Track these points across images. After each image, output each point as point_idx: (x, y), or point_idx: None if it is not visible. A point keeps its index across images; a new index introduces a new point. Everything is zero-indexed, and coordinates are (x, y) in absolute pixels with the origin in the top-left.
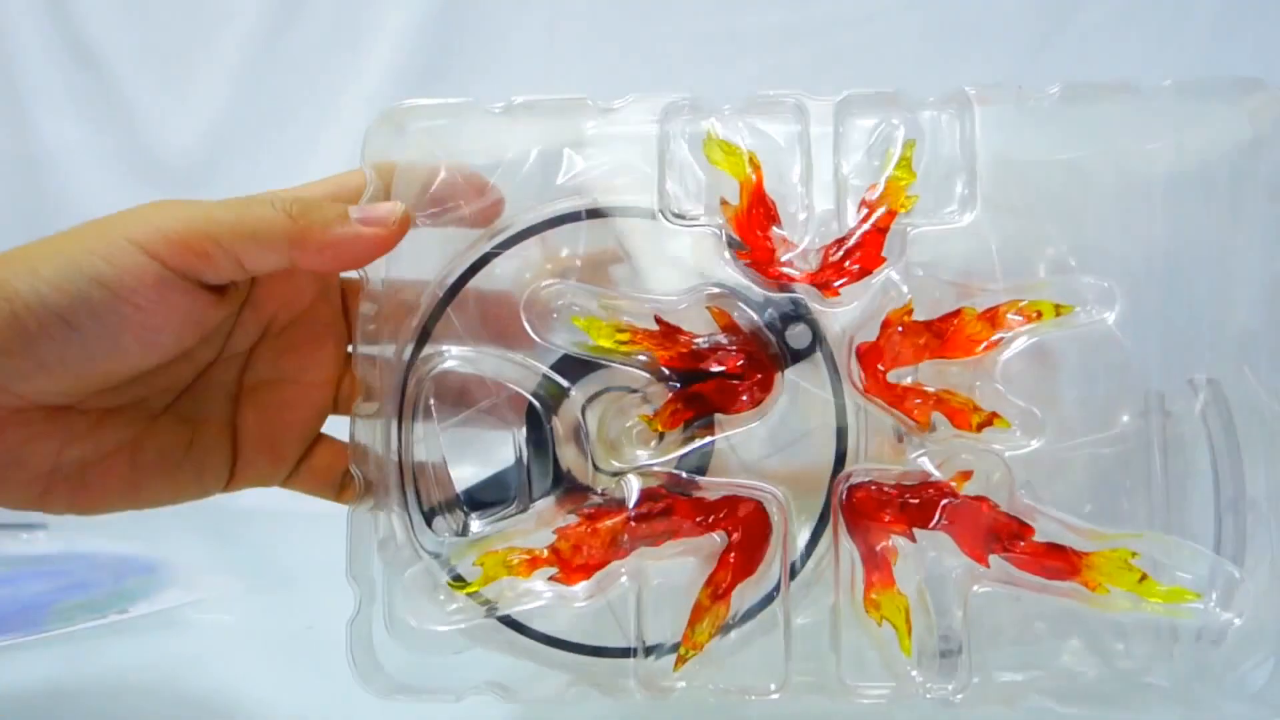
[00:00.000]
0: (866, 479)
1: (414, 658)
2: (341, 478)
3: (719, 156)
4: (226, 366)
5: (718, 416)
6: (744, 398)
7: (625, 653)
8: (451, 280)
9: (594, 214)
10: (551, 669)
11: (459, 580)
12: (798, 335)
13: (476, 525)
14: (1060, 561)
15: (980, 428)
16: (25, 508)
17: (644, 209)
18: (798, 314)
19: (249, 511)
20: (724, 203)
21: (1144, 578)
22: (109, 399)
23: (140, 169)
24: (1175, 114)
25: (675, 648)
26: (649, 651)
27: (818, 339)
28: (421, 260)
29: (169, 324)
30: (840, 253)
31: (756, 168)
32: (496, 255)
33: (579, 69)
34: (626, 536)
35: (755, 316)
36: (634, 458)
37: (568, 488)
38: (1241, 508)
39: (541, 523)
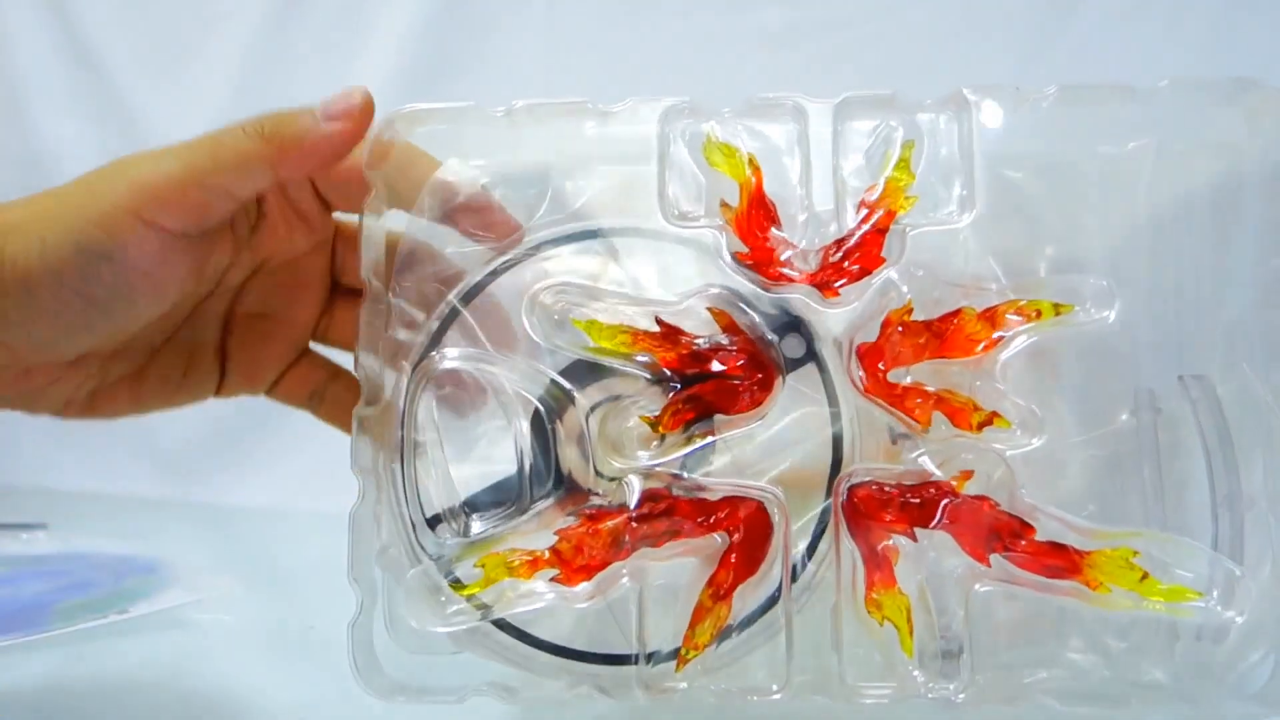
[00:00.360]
0: (867, 479)
1: (415, 659)
2: (311, 395)
3: (719, 159)
4: (220, 298)
5: (718, 417)
6: (744, 398)
7: (626, 660)
8: (460, 290)
9: (604, 234)
10: (552, 678)
11: (459, 582)
12: (793, 345)
13: (478, 527)
14: (1061, 560)
15: (980, 427)
16: (40, 416)
17: (652, 229)
18: (794, 318)
19: (249, 511)
20: (724, 205)
21: (1145, 576)
22: (120, 341)
23: None
24: (1172, 114)
25: (676, 649)
26: (650, 653)
27: (812, 348)
28: (428, 264)
29: (175, 277)
30: (840, 253)
31: (756, 170)
32: (507, 269)
33: (579, 70)
34: (628, 537)
35: (755, 318)
36: (635, 459)
37: (569, 489)
38: (1237, 505)
39: (542, 524)
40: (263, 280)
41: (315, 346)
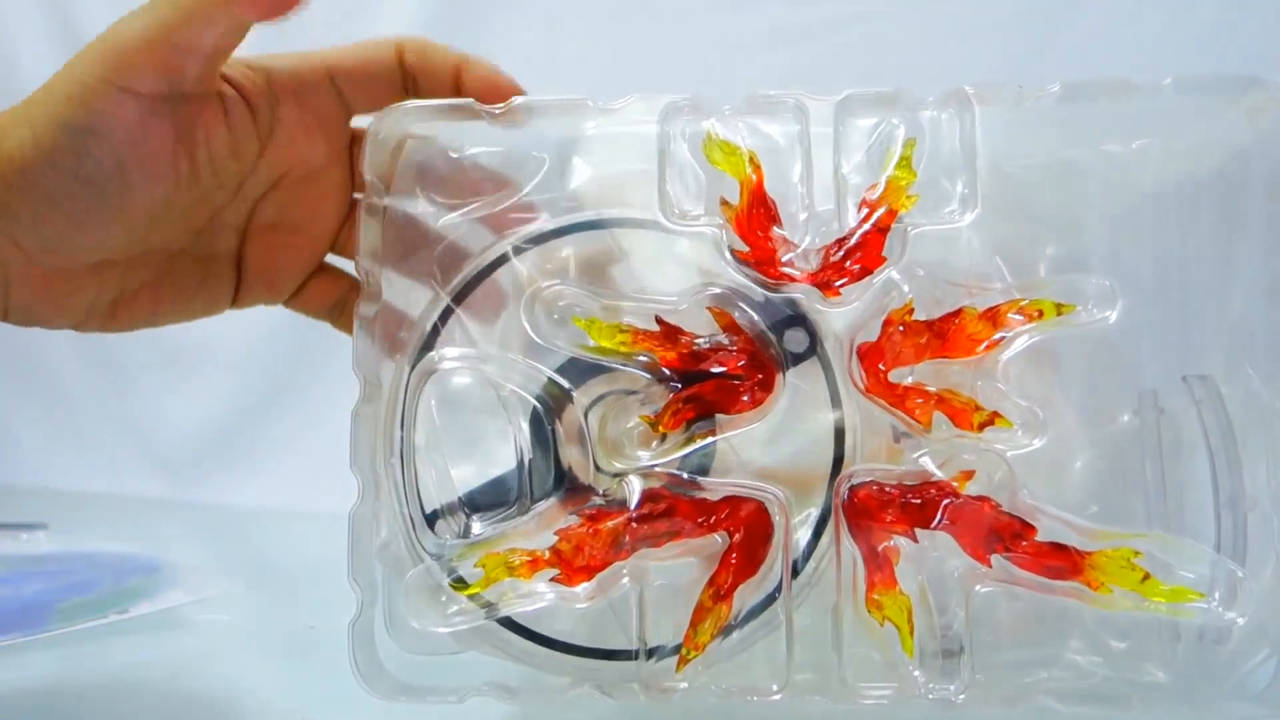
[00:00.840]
0: (868, 479)
1: (416, 659)
2: (332, 306)
3: (719, 157)
4: (237, 209)
5: (719, 417)
6: (745, 398)
7: (627, 655)
8: (458, 283)
9: (604, 224)
10: (553, 673)
11: (460, 582)
12: (795, 339)
13: (478, 527)
14: (1062, 561)
15: (982, 427)
16: (60, 329)
17: (650, 220)
18: (795, 318)
19: (249, 511)
20: (724, 203)
21: (1147, 577)
22: (136, 245)
23: None
24: (1174, 112)
25: (677, 649)
26: (650, 653)
27: (815, 342)
28: (426, 261)
29: (163, 148)
30: (841, 252)
31: (757, 168)
32: (505, 262)
33: (579, 69)
34: (628, 537)
35: (756, 317)
36: (635, 458)
37: (569, 489)
38: (1240, 506)
39: (543, 524)
40: (282, 192)
41: (333, 259)
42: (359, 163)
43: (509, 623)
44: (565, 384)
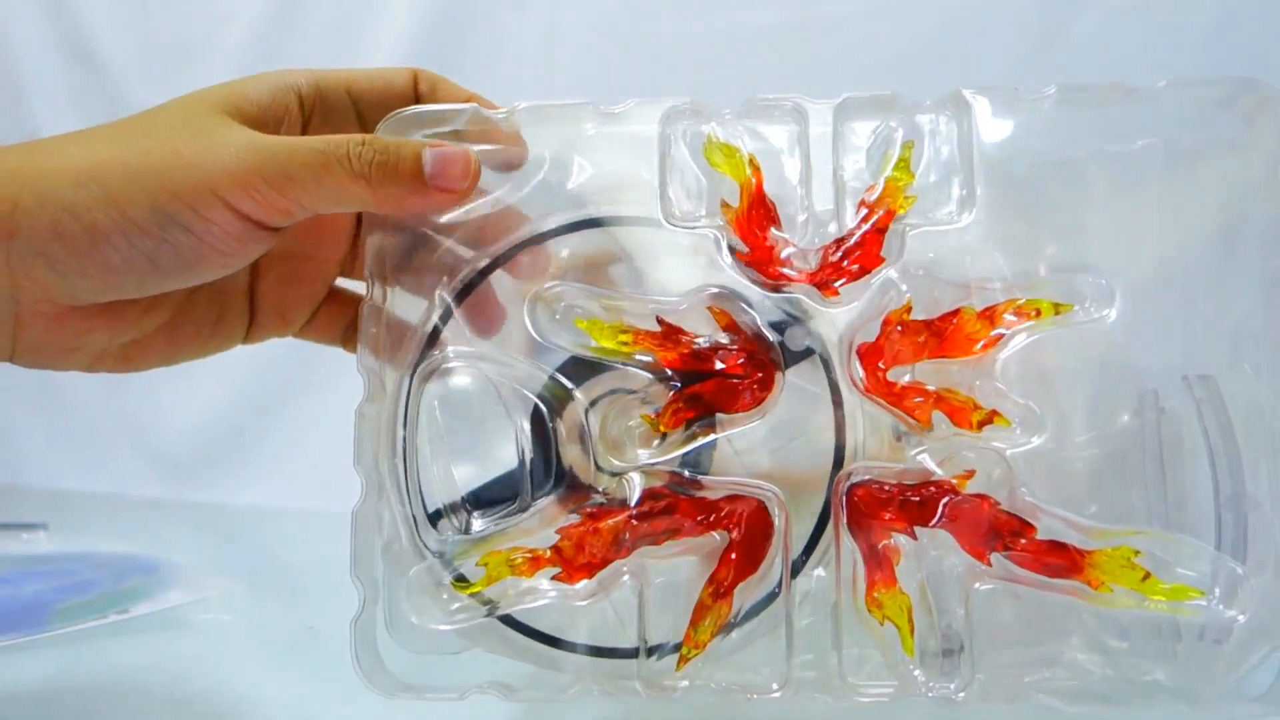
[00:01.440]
0: (867, 477)
1: (417, 657)
2: (344, 331)
3: (719, 159)
4: None
5: (719, 416)
6: (745, 397)
7: (627, 653)
8: (460, 283)
9: (603, 223)
10: (554, 671)
11: (462, 580)
12: (795, 338)
13: (480, 525)
14: (1062, 559)
15: (981, 426)
16: (70, 370)
17: (651, 219)
18: (795, 317)
19: (249, 511)
20: (724, 205)
21: (1147, 576)
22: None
23: None
24: (1172, 114)
25: (677, 647)
26: (651, 651)
27: (814, 341)
28: (427, 261)
29: (243, 257)
30: (840, 253)
31: (756, 170)
32: (506, 261)
33: (579, 70)
34: (628, 535)
35: (756, 317)
36: (636, 457)
37: (570, 487)
38: (1241, 505)
39: (544, 522)
40: (292, 225)
41: (342, 282)
42: None
43: (510, 620)
44: (567, 383)
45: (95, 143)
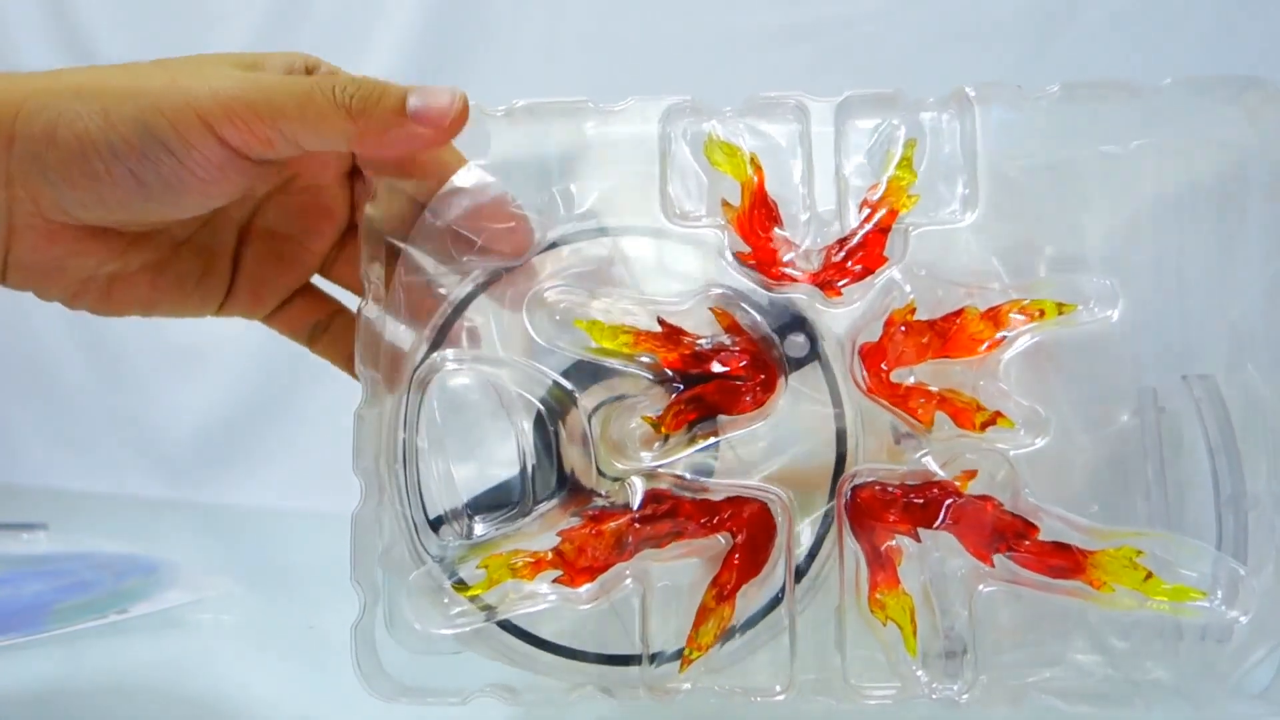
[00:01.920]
0: (870, 479)
1: (417, 660)
2: (312, 329)
3: (720, 158)
4: (242, 206)
5: (721, 418)
6: (747, 399)
7: (629, 660)
8: (463, 293)
9: (609, 232)
10: (555, 676)
11: (462, 584)
12: (797, 340)
13: (481, 528)
14: (1065, 560)
15: (984, 427)
16: (53, 300)
17: (652, 229)
18: (797, 318)
19: (249, 511)
20: (725, 204)
21: (1149, 576)
22: (148, 224)
23: None
24: (1174, 113)
25: (679, 653)
26: (653, 657)
27: (817, 342)
28: (429, 266)
29: (224, 190)
30: (842, 253)
31: (758, 169)
32: (509, 270)
33: (579, 69)
34: (631, 538)
35: (758, 318)
36: (638, 460)
37: (572, 490)
38: (1242, 505)
39: (546, 525)
40: (286, 198)
41: (318, 281)
42: (358, 193)
43: (512, 628)
44: (569, 387)
45: (108, 70)
